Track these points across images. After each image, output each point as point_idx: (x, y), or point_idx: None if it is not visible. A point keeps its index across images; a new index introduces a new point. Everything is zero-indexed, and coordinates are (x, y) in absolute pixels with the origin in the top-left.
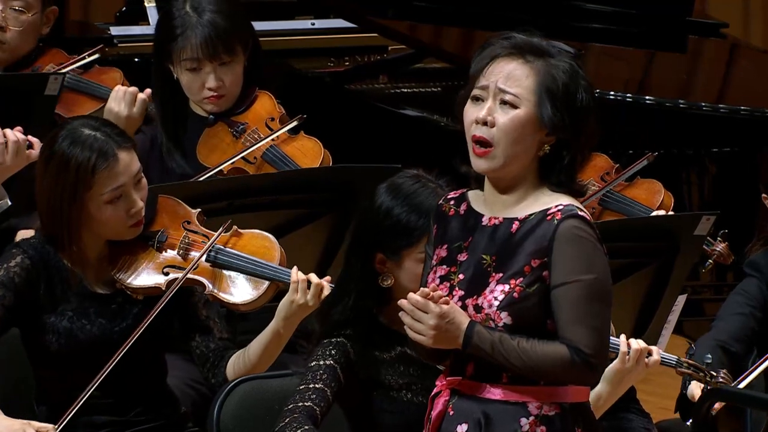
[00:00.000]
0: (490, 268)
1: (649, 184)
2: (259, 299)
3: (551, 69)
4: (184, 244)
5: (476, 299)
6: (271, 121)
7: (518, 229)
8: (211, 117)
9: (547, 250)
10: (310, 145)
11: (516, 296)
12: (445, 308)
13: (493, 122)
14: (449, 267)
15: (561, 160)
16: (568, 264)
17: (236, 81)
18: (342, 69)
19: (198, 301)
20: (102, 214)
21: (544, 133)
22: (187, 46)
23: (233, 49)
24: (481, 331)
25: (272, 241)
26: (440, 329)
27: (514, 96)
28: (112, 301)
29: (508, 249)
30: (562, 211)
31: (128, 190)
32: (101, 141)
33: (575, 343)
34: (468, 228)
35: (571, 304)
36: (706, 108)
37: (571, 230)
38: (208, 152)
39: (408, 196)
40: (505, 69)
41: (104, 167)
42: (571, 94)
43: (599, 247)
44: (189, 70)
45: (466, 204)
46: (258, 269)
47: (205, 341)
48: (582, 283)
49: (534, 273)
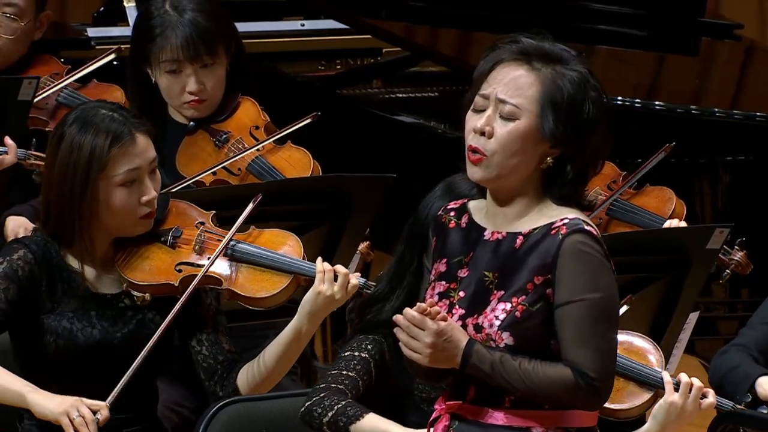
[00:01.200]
0: (491, 286)
1: (660, 192)
2: (281, 293)
3: (558, 78)
4: (200, 241)
5: (476, 318)
6: (255, 130)
7: (522, 244)
8: (191, 124)
9: (551, 266)
10: (298, 155)
11: (518, 315)
12: (442, 325)
13: (491, 133)
14: (449, 283)
15: (565, 174)
16: (573, 282)
17: (218, 85)
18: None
19: (206, 313)
20: (113, 198)
21: (546, 146)
22: (167, 46)
23: (215, 50)
24: (480, 350)
25: (295, 238)
26: (437, 347)
27: (514, 107)
28: (117, 303)
29: (511, 265)
30: (567, 226)
31: (142, 175)
32: (118, 121)
33: (579, 365)
34: (469, 242)
35: (575, 325)
36: (720, 114)
37: (577, 246)
38: (188, 161)
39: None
40: (508, 76)
41: (120, 145)
42: (577, 105)
43: (606, 264)
44: (168, 73)
45: (467, 216)
46: (279, 262)
47: (213, 353)
48: (587, 302)
49: (537, 291)
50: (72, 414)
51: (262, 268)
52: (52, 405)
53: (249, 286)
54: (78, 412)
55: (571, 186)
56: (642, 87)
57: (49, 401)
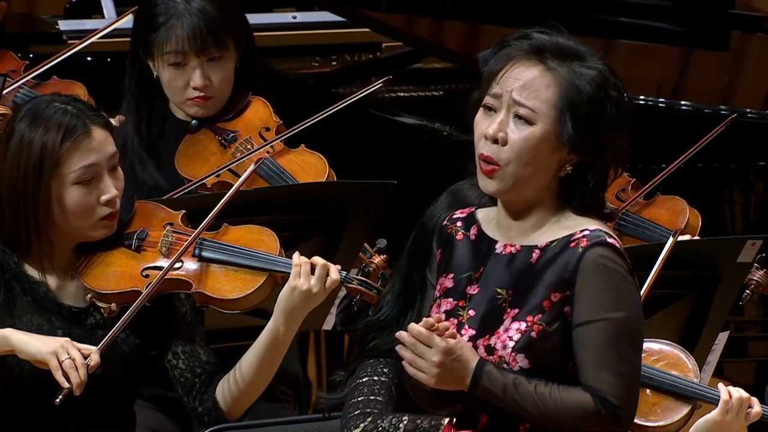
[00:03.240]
0: (505, 304)
1: (672, 202)
2: (255, 292)
3: (576, 78)
4: (167, 243)
5: (488, 339)
6: (265, 131)
7: (539, 258)
8: (194, 122)
9: (570, 282)
10: (312, 160)
11: (534, 336)
12: (451, 343)
13: (504, 140)
14: (457, 300)
15: (585, 182)
16: (594, 299)
17: (226, 81)
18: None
19: (181, 323)
20: (68, 198)
21: (565, 152)
22: (172, 36)
23: (225, 43)
24: (492, 371)
25: (270, 233)
26: (445, 367)
27: (530, 110)
28: (83, 317)
29: (526, 281)
30: (588, 238)
31: (101, 172)
32: (71, 114)
33: (600, 391)
34: (479, 256)
35: (596, 346)
36: (752, 115)
37: (599, 260)
38: (188, 161)
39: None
40: (522, 76)
41: (73, 139)
42: (597, 108)
43: (630, 281)
44: (172, 66)
45: (476, 227)
46: (252, 259)
47: (191, 366)
48: (610, 322)
49: (554, 309)
50: (61, 355)
51: (235, 268)
52: (38, 344)
53: (220, 287)
54: (68, 353)
55: (591, 194)
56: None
57: (36, 340)
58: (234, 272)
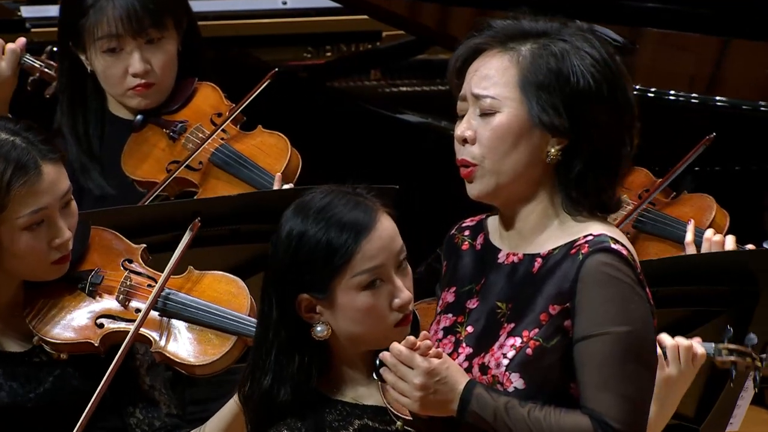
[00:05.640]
0: (503, 318)
1: (699, 199)
2: (221, 359)
3: (536, 54)
4: (125, 288)
5: (483, 357)
6: (217, 117)
7: (540, 267)
8: (138, 118)
9: (570, 293)
10: (272, 140)
11: (530, 353)
12: (435, 363)
13: (473, 138)
14: (456, 316)
15: (571, 169)
16: (595, 312)
17: (168, 65)
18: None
19: (140, 366)
20: (17, 244)
21: (548, 136)
22: (103, 19)
23: (163, 22)
24: (481, 394)
25: (240, 286)
26: (428, 389)
27: (492, 99)
28: (28, 360)
29: (526, 293)
30: (590, 244)
31: (52, 215)
32: (21, 149)
33: (600, 414)
34: (482, 267)
35: (597, 364)
36: None
37: (600, 268)
38: (137, 162)
39: (321, 210)
40: (478, 66)
41: (23, 183)
42: (563, 79)
43: (638, 291)
44: (106, 53)
45: (482, 236)
46: (221, 320)
47: (149, 418)
48: (612, 336)
49: (553, 323)
50: None
51: (201, 327)
52: None
53: (183, 349)
54: None
55: (579, 184)
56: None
57: None
58: (200, 332)
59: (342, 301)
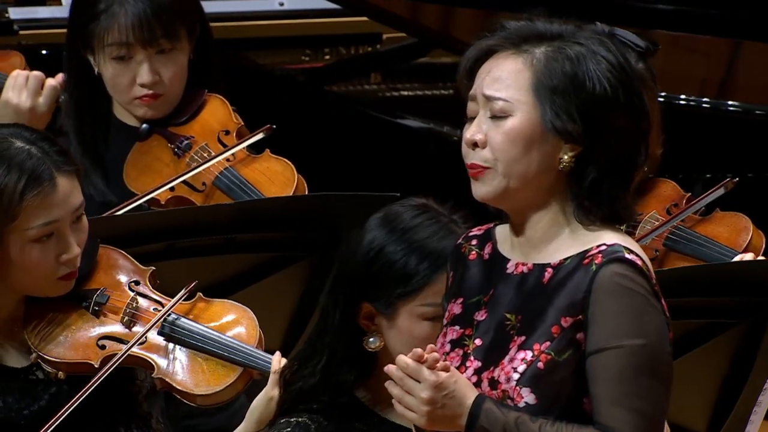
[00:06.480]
0: (513, 331)
1: (733, 219)
2: (225, 390)
3: (551, 57)
4: (131, 310)
5: (492, 371)
6: (225, 135)
7: (551, 277)
8: (143, 127)
9: (583, 304)
10: (278, 168)
11: (541, 366)
12: (442, 377)
13: (483, 141)
14: (463, 329)
15: (585, 177)
16: (609, 324)
17: (178, 77)
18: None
19: (138, 393)
20: (24, 256)
21: (556, 141)
22: (114, 26)
23: (175, 33)
24: (491, 409)
25: (250, 317)
26: (435, 404)
27: (504, 102)
28: (24, 376)
29: (536, 305)
30: (603, 254)
31: (63, 229)
32: (36, 159)
33: (614, 430)
34: (490, 277)
35: (611, 378)
36: None
37: (614, 279)
38: (138, 174)
39: (408, 230)
40: (491, 68)
41: (36, 193)
42: (578, 84)
43: (653, 303)
44: (115, 60)
45: (490, 245)
46: (228, 351)
47: None
48: (626, 349)
49: (565, 336)
50: None
51: (207, 356)
52: None
53: (187, 377)
54: None
55: (593, 192)
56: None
57: None
58: (205, 361)
59: (403, 323)
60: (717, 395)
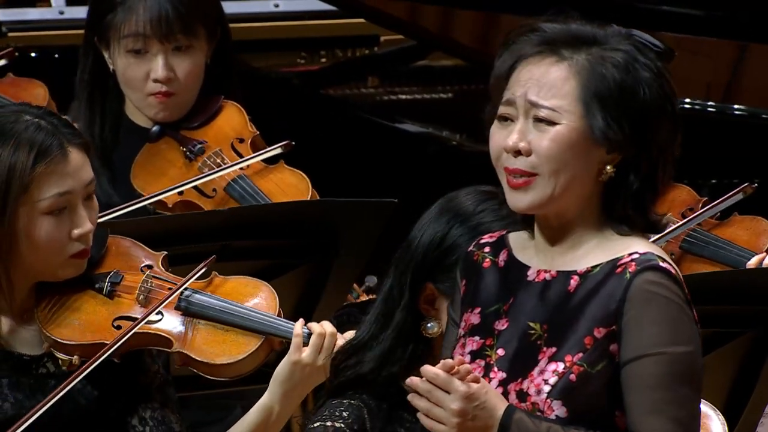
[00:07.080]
0: (540, 341)
1: (752, 222)
2: (248, 359)
3: (597, 64)
4: (145, 290)
5: (521, 383)
6: (239, 143)
7: (578, 286)
8: (155, 128)
9: (617, 314)
10: (293, 180)
11: (573, 379)
12: (474, 388)
13: (528, 149)
14: (484, 339)
15: (629, 185)
16: (645, 332)
17: (193, 76)
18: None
19: (150, 383)
20: (36, 230)
21: (602, 151)
22: (131, 17)
23: (194, 30)
24: (522, 419)
25: (268, 288)
26: (466, 416)
27: (550, 110)
28: (36, 368)
29: (564, 314)
30: (637, 262)
31: (75, 202)
32: (46, 130)
33: None
34: (509, 285)
35: (647, 386)
36: None
37: (650, 287)
38: (145, 174)
39: (476, 214)
40: (535, 74)
41: (47, 162)
42: (628, 92)
43: (688, 312)
44: (130, 53)
45: (506, 252)
46: (247, 318)
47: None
48: (665, 357)
49: (598, 347)
50: None
51: (226, 327)
52: None
53: (207, 348)
54: None
55: (636, 202)
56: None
57: None
58: (224, 332)
59: None
60: (726, 400)
